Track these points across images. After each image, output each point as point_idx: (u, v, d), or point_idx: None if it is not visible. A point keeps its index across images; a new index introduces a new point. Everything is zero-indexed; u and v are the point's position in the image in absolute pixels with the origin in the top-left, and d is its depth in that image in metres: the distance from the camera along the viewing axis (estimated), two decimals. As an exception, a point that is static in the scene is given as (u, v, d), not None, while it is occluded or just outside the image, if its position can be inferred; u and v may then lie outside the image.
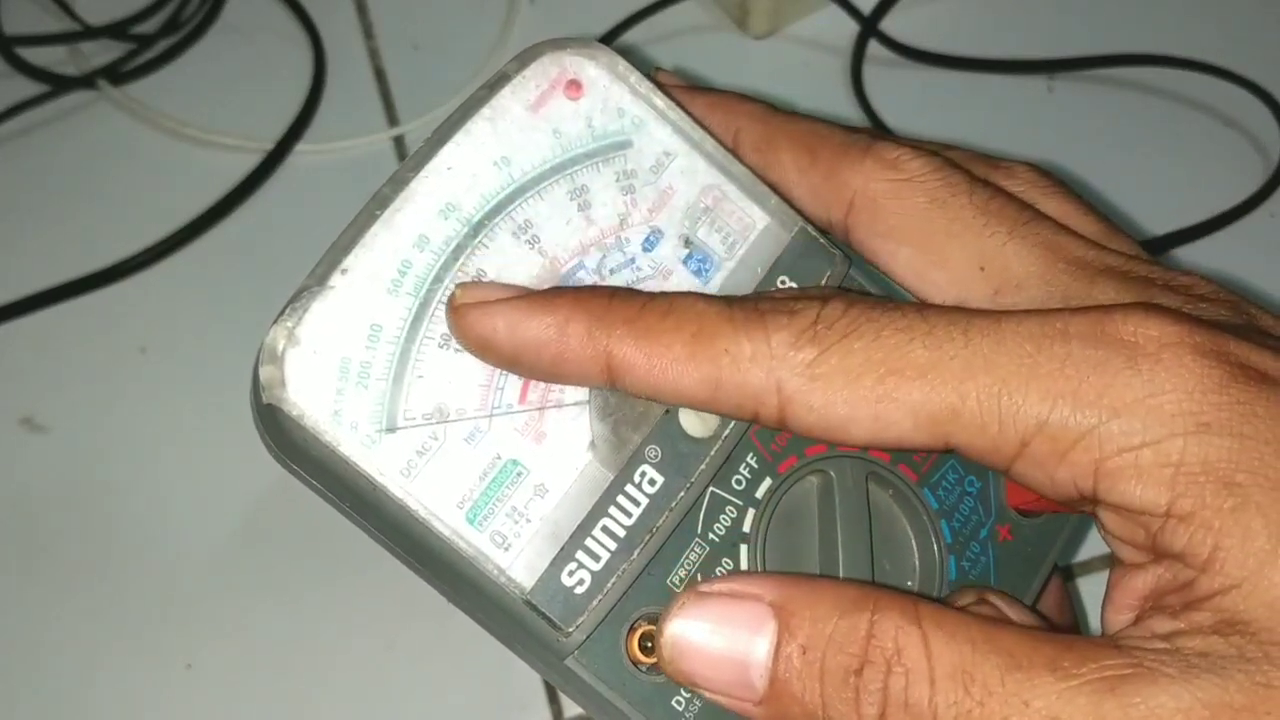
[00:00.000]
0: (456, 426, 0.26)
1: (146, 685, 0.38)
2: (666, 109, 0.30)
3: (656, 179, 0.30)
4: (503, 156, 0.28)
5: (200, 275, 0.46)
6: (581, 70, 0.29)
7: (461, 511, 0.26)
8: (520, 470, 0.27)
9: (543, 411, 0.27)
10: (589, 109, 0.29)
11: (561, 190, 0.29)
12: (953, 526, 0.30)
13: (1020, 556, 0.31)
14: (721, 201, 0.30)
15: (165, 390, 0.43)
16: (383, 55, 0.51)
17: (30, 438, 0.42)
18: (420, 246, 0.27)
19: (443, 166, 0.27)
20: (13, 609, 0.39)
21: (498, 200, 0.28)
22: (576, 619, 0.26)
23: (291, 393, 0.25)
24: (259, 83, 0.50)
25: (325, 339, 0.26)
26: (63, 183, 0.48)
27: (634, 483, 0.27)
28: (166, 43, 0.51)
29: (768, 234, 0.30)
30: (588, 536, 0.26)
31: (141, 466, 0.42)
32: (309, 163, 0.49)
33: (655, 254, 0.29)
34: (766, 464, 0.29)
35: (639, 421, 0.28)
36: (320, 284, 0.26)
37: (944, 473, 0.31)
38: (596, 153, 0.29)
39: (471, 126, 0.28)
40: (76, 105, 0.50)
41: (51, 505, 0.41)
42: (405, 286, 0.27)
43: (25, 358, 0.44)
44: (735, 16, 0.52)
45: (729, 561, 0.28)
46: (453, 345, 0.27)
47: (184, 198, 0.47)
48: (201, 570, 0.40)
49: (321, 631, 0.39)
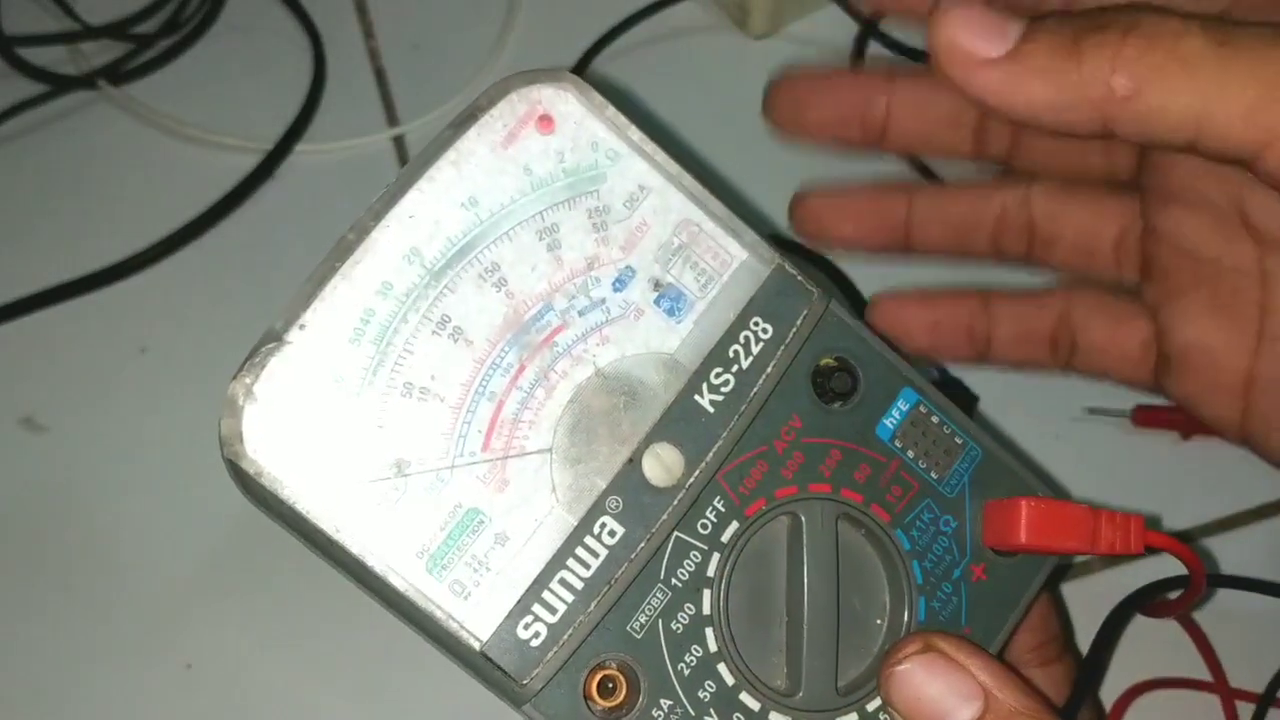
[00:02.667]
0: (417, 477, 0.27)
1: (146, 685, 0.39)
2: (642, 142, 0.29)
3: (629, 215, 0.29)
4: (469, 198, 0.28)
5: (200, 275, 0.46)
6: (554, 104, 0.29)
7: (421, 561, 0.26)
8: (481, 519, 0.27)
9: (505, 460, 0.27)
10: (561, 144, 0.29)
11: (530, 231, 0.28)
12: (924, 567, 0.30)
13: (994, 597, 0.31)
14: (697, 237, 0.29)
15: (165, 390, 0.44)
16: (383, 55, 0.51)
17: (30, 437, 0.43)
18: (383, 294, 0.27)
19: (405, 214, 0.27)
20: (13, 608, 0.40)
21: (462, 244, 0.27)
22: (532, 670, 0.26)
23: (249, 449, 0.26)
24: (259, 83, 0.50)
25: (283, 395, 0.26)
26: (62, 183, 0.48)
27: (594, 534, 0.27)
28: (166, 42, 0.51)
29: (744, 269, 0.30)
30: (545, 589, 0.27)
31: (141, 466, 0.42)
32: (309, 163, 0.48)
33: (626, 294, 0.29)
34: (734, 507, 0.29)
35: (604, 468, 0.28)
36: (278, 340, 0.26)
37: (918, 513, 0.30)
38: (567, 189, 0.28)
39: (434, 172, 0.27)
40: (76, 105, 0.50)
41: (51, 505, 0.42)
42: (367, 335, 0.27)
43: (25, 358, 0.45)
44: (735, 16, 0.51)
45: (691, 606, 0.28)
46: (415, 393, 0.27)
47: (184, 197, 0.47)
48: (201, 570, 0.40)
49: (321, 631, 0.39)
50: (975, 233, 0.37)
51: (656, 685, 0.27)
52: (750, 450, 0.29)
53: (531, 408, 0.28)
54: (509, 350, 0.28)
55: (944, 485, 0.31)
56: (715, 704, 0.28)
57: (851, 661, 0.29)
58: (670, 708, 0.27)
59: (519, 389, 0.28)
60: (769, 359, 0.29)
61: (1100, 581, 0.39)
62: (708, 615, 0.28)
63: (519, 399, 0.27)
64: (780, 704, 0.28)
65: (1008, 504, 0.30)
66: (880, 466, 0.30)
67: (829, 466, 0.30)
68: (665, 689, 0.28)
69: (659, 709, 0.27)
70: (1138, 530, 0.30)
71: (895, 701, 0.27)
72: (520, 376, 0.28)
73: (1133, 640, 0.37)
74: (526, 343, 0.28)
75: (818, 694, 0.29)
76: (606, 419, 0.28)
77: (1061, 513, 0.30)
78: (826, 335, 0.30)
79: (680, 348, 0.29)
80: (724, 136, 0.47)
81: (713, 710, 0.28)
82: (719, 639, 0.28)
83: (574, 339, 0.28)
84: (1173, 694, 0.37)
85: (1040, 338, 0.37)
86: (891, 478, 0.30)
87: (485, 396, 0.27)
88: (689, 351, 0.29)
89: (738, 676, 0.28)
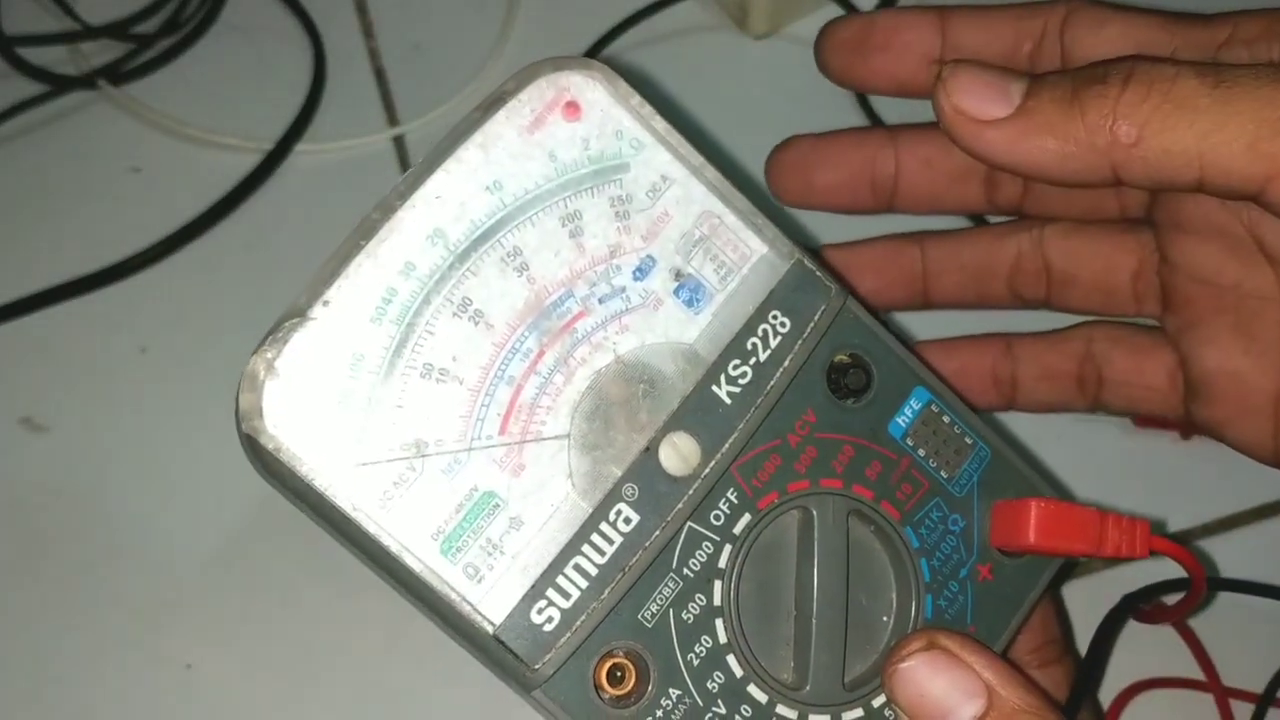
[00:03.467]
0: (434, 458, 0.27)
1: (146, 685, 0.39)
2: (667, 133, 0.29)
3: (652, 205, 0.29)
4: (494, 181, 0.28)
5: (200, 275, 0.46)
6: (581, 91, 0.29)
7: (436, 543, 0.26)
8: (497, 503, 0.27)
9: (522, 445, 0.27)
10: (586, 131, 0.29)
11: (553, 216, 0.28)
12: (932, 565, 0.30)
13: (999, 597, 0.31)
14: (718, 229, 0.30)
15: (165, 390, 0.43)
16: (383, 55, 0.51)
17: (30, 437, 0.43)
18: (406, 274, 0.27)
19: (431, 195, 0.27)
20: (13, 609, 0.40)
21: (486, 228, 0.27)
22: (544, 655, 0.26)
23: (268, 424, 0.25)
24: (259, 83, 0.50)
25: (304, 371, 0.26)
26: (63, 183, 0.48)
27: (609, 521, 0.27)
28: (166, 42, 0.51)
29: (764, 263, 0.30)
30: (559, 574, 0.27)
31: (142, 466, 0.42)
32: (309, 163, 0.48)
33: (646, 283, 0.29)
34: (747, 500, 0.29)
35: (620, 455, 0.28)
36: (301, 315, 0.26)
37: (927, 511, 0.31)
38: (592, 177, 0.29)
39: (463, 153, 0.27)
40: (76, 105, 0.49)
41: (51, 505, 0.41)
42: (389, 315, 0.27)
43: (25, 357, 0.44)
44: (735, 16, 0.51)
45: (702, 597, 0.28)
46: (435, 375, 0.27)
47: (184, 197, 0.47)
48: (202, 570, 0.40)
49: (321, 631, 0.39)
50: (992, 280, 0.37)
51: (665, 675, 0.28)
52: (765, 443, 0.29)
53: (550, 393, 0.28)
54: (529, 335, 0.28)
55: (953, 485, 0.31)
56: (723, 695, 0.28)
57: (858, 657, 0.30)
58: (679, 698, 0.28)
59: (538, 374, 0.28)
60: (786, 353, 0.29)
61: (1101, 581, 0.40)
62: (718, 606, 0.28)
63: (537, 384, 0.27)
64: (787, 697, 0.28)
65: (1016, 504, 0.30)
66: (891, 464, 0.30)
67: (841, 462, 0.30)
68: (674, 678, 0.28)
69: (667, 698, 0.27)
70: (1143, 535, 0.31)
71: (899, 698, 0.27)
72: (539, 362, 0.28)
73: (1129, 640, 0.37)
74: (547, 328, 0.28)
75: (824, 688, 0.29)
76: (624, 407, 0.28)
77: (1070, 515, 0.30)
78: (843, 332, 0.30)
79: (699, 338, 0.29)
80: (723, 136, 0.47)
81: (720, 701, 0.28)
82: (729, 630, 0.28)
83: (594, 326, 0.28)
84: (1169, 693, 0.38)
85: (1066, 376, 0.37)
86: (902, 475, 0.30)
87: (504, 380, 0.27)
88: (707, 342, 0.29)
89: (746, 668, 0.28)
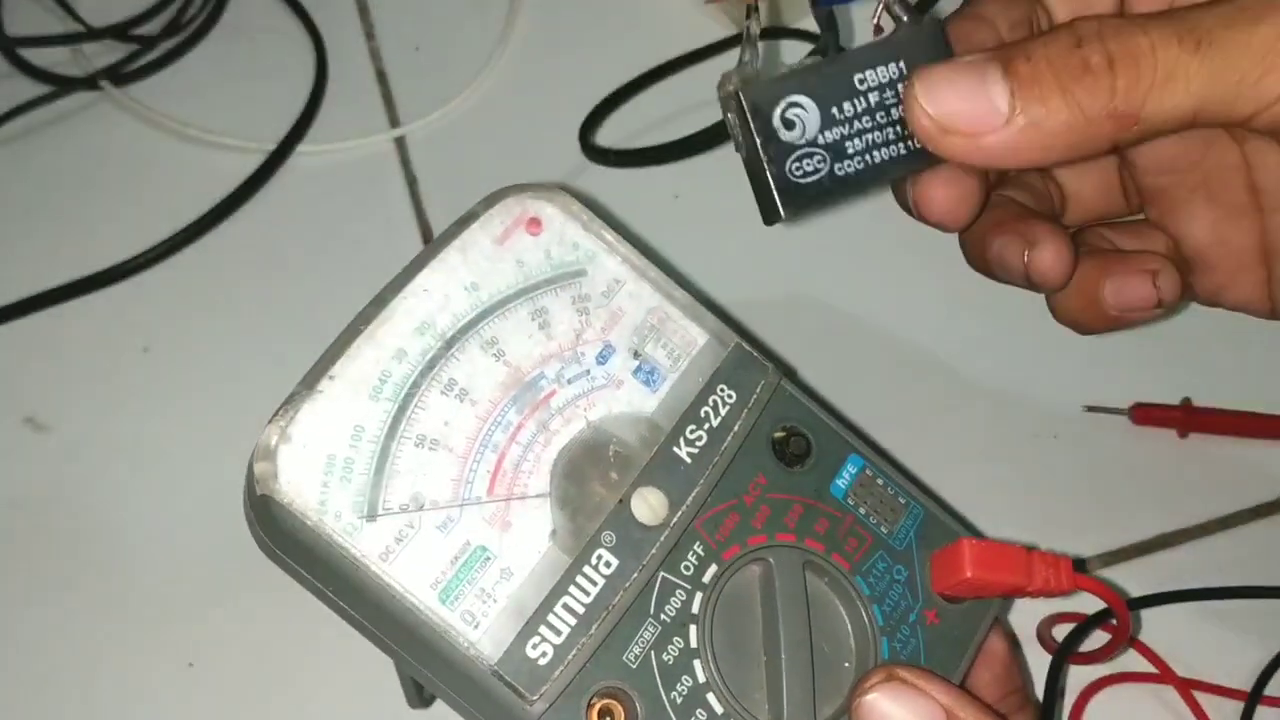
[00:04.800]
0: (430, 516, 0.29)
1: (148, 684, 0.38)
2: (615, 243, 0.34)
3: (608, 302, 0.34)
4: (472, 282, 0.32)
5: (202, 275, 0.46)
6: (541, 210, 0.34)
7: (434, 592, 0.29)
8: (488, 555, 0.30)
9: (508, 503, 0.30)
10: (547, 242, 0.33)
11: (524, 311, 0.32)
12: (884, 610, 0.33)
13: (948, 639, 0.34)
14: (665, 322, 0.34)
15: (168, 390, 0.43)
16: (384, 56, 0.51)
17: (32, 437, 0.42)
18: (399, 358, 0.31)
19: (420, 289, 0.31)
20: (14, 608, 0.39)
21: (468, 319, 0.32)
22: (540, 688, 0.28)
23: (284, 484, 0.28)
24: (261, 84, 0.50)
25: (314, 437, 0.29)
26: (65, 183, 0.48)
27: (591, 564, 0.30)
28: (169, 44, 0.51)
29: (708, 349, 0.34)
30: (550, 613, 0.29)
31: (143, 466, 0.42)
32: (311, 163, 0.49)
33: (608, 366, 0.33)
34: (712, 551, 0.32)
35: (595, 511, 0.31)
36: (310, 388, 0.29)
37: (874, 562, 0.34)
38: (554, 279, 0.33)
39: (446, 255, 0.32)
40: (79, 106, 0.50)
41: (53, 505, 0.41)
42: (385, 393, 0.30)
43: (28, 358, 0.44)
44: (735, 17, 0.52)
45: (679, 640, 0.31)
46: (427, 444, 0.30)
47: (186, 198, 0.47)
48: (203, 569, 0.40)
49: (322, 631, 0.38)
50: None
51: (651, 713, 0.30)
52: (723, 502, 0.32)
53: (530, 458, 0.31)
54: (509, 409, 0.31)
55: (893, 539, 0.34)
56: (706, 732, 0.30)
57: (826, 699, 0.32)
58: (665, 735, 0.29)
59: (518, 443, 0.31)
60: (735, 419, 0.33)
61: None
62: (695, 648, 0.31)
63: (519, 450, 0.31)
64: (766, 734, 0.30)
65: (951, 547, 0.34)
66: (837, 520, 0.34)
67: (792, 519, 0.33)
68: (659, 716, 0.30)
69: (654, 736, 0.29)
70: (1067, 570, 0.34)
71: None
72: (520, 431, 0.31)
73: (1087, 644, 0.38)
74: (524, 403, 0.31)
75: (799, 724, 0.31)
76: (597, 467, 0.31)
77: (999, 549, 0.33)
78: (782, 405, 0.34)
79: (657, 410, 0.33)
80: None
81: (704, 738, 0.30)
82: (706, 670, 0.30)
83: (565, 401, 0.32)
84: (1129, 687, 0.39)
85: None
86: (848, 531, 0.34)
87: (489, 448, 0.31)
88: (665, 414, 0.33)
89: (726, 706, 0.30)
